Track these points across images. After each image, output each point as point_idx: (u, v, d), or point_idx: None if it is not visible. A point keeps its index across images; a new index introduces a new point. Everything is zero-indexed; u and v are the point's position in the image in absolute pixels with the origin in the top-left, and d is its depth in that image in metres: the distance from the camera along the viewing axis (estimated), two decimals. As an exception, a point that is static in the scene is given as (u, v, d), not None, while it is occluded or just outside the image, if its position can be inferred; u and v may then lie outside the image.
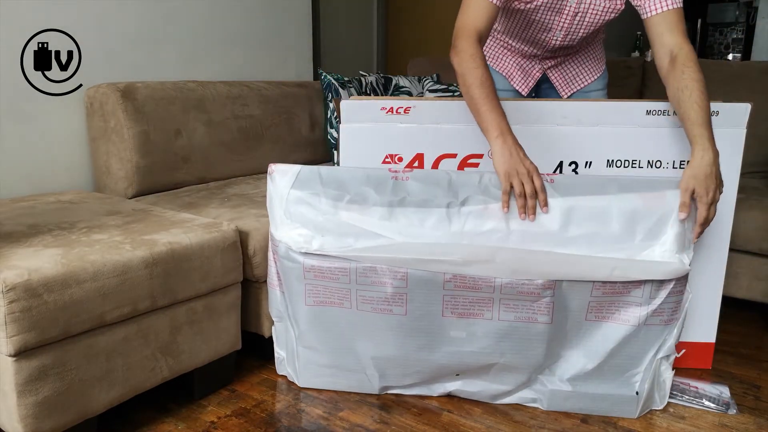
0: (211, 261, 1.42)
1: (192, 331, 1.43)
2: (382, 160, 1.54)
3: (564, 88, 1.78)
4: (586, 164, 1.54)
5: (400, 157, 1.54)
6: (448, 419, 1.44)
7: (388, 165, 1.53)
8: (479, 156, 1.53)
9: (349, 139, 1.54)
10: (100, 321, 1.22)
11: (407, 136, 1.53)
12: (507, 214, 1.32)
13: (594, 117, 1.52)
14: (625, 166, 1.53)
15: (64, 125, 1.92)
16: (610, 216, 1.33)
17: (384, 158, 1.54)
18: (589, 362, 1.42)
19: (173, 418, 1.44)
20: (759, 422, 1.45)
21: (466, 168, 1.53)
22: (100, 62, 1.97)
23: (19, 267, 1.13)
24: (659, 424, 1.43)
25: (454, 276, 1.33)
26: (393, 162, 1.54)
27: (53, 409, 1.18)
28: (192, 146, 2.05)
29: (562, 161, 1.54)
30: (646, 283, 1.33)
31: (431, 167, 1.54)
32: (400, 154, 1.54)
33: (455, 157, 1.54)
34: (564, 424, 1.43)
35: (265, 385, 1.59)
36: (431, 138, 1.53)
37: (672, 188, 1.33)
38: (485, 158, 1.53)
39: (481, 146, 1.51)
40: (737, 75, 2.47)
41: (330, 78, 2.50)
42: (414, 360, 1.44)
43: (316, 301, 1.42)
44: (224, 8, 2.40)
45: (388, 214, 1.36)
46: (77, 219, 1.47)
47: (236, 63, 2.48)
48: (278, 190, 1.42)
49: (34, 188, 1.85)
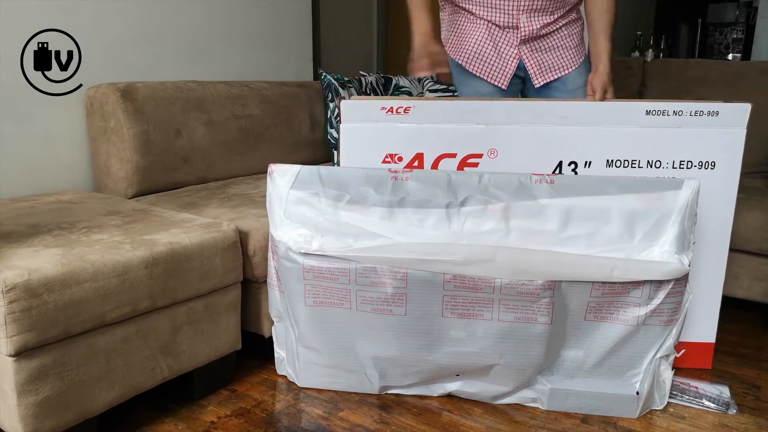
0: (211, 261, 1.42)
1: (192, 331, 1.43)
2: (381, 159, 1.55)
3: (538, 77, 1.72)
4: (585, 164, 1.54)
5: (399, 157, 1.54)
6: (448, 419, 1.44)
7: (387, 165, 1.53)
8: (479, 156, 1.53)
9: (349, 138, 1.55)
10: (100, 321, 1.22)
11: (407, 135, 1.53)
12: (507, 214, 1.32)
13: (594, 117, 1.52)
14: (625, 166, 1.53)
15: (64, 125, 1.92)
16: (610, 216, 1.33)
17: (384, 158, 1.55)
18: (589, 362, 1.43)
19: (173, 418, 1.44)
20: (759, 422, 1.45)
21: (466, 168, 1.54)
22: (100, 62, 1.97)
23: (19, 267, 1.13)
24: (659, 424, 1.43)
25: (454, 276, 1.33)
26: (393, 162, 1.55)
27: (53, 409, 1.18)
28: (192, 146, 2.05)
29: (561, 161, 1.54)
30: (646, 284, 1.33)
31: (431, 167, 1.54)
32: (400, 153, 1.54)
33: (455, 157, 1.54)
34: (564, 424, 1.43)
35: (265, 385, 1.59)
36: (431, 138, 1.53)
37: (672, 189, 1.33)
38: (485, 158, 1.53)
39: (481, 146, 1.52)
40: (737, 75, 2.47)
41: (330, 78, 2.50)
42: (414, 360, 1.44)
43: (316, 301, 1.42)
44: (224, 8, 2.40)
45: (387, 214, 1.36)
46: (77, 219, 1.47)
47: (236, 63, 2.48)
48: (278, 191, 1.42)
49: (34, 188, 1.85)
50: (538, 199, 1.35)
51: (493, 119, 1.54)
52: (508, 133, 1.54)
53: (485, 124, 1.54)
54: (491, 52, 1.71)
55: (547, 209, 1.34)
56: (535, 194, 1.36)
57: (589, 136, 1.52)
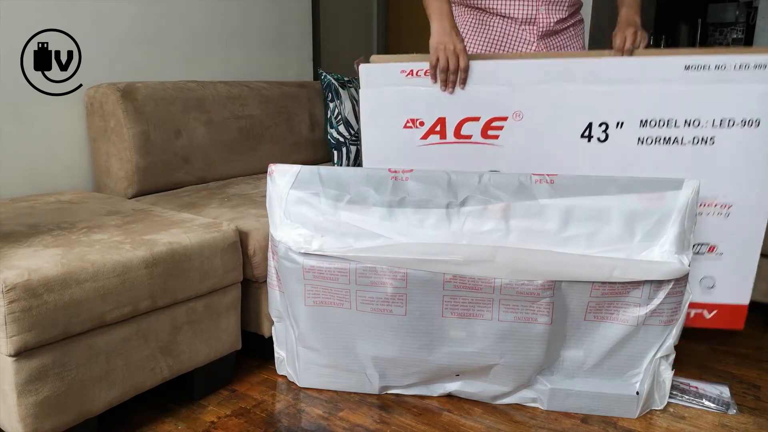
0: (211, 261, 1.42)
1: (192, 331, 1.43)
2: (403, 125, 1.49)
3: None
4: (617, 125, 1.44)
5: (421, 122, 1.49)
6: (448, 419, 1.44)
7: (387, 168, 1.53)
8: (503, 119, 1.46)
9: (370, 104, 1.48)
10: (100, 321, 1.22)
11: (429, 99, 1.47)
12: (507, 214, 1.32)
13: (626, 73, 1.42)
14: (660, 126, 1.44)
15: (64, 125, 1.92)
16: (610, 216, 1.33)
17: (405, 123, 1.49)
18: (589, 362, 1.43)
19: (173, 418, 1.44)
20: (759, 422, 1.45)
21: (490, 131, 1.47)
22: (100, 62, 1.98)
23: (19, 267, 1.13)
24: (659, 424, 1.43)
25: (454, 276, 1.33)
26: (414, 127, 1.48)
27: (53, 409, 1.18)
28: (192, 146, 2.05)
29: (591, 122, 1.46)
30: (645, 284, 1.33)
31: (453, 131, 1.48)
32: (422, 118, 1.49)
33: (478, 120, 1.47)
34: (564, 424, 1.43)
35: (265, 385, 1.59)
36: (453, 101, 1.47)
37: (672, 189, 1.33)
38: (510, 121, 1.46)
39: (506, 108, 1.44)
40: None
41: (330, 78, 2.50)
42: (414, 360, 1.44)
43: (316, 301, 1.42)
44: (224, 8, 2.40)
45: (387, 214, 1.36)
46: (77, 219, 1.47)
47: (236, 63, 2.48)
48: (278, 191, 1.42)
49: (34, 188, 1.85)
50: (538, 199, 1.35)
51: (518, 79, 1.46)
52: (534, 94, 1.46)
53: (510, 86, 1.46)
54: (507, 50, 1.68)
55: (547, 209, 1.34)
56: (535, 194, 1.36)
57: (621, 95, 1.42)
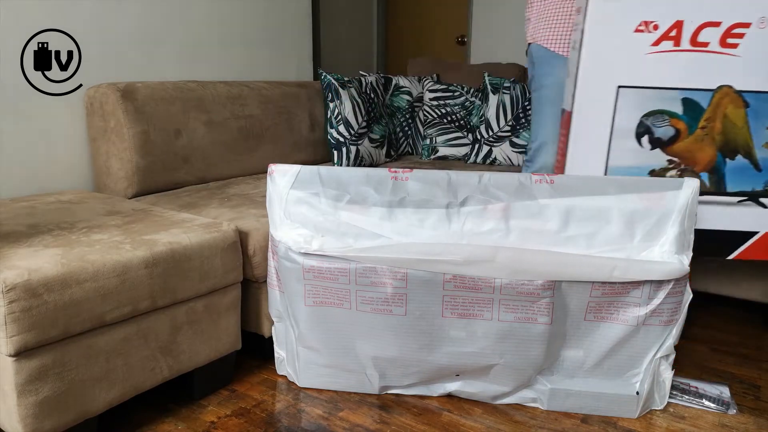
0: (211, 261, 1.42)
1: (192, 331, 1.43)
2: (634, 28, 1.37)
3: None
4: None
5: (656, 25, 1.37)
6: (448, 419, 1.44)
7: (387, 168, 1.52)
8: (746, 25, 1.34)
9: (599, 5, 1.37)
10: (100, 321, 1.22)
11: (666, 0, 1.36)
12: (507, 214, 1.32)
13: None
14: None
15: (64, 125, 1.92)
16: (610, 216, 1.33)
17: (637, 26, 1.37)
18: (589, 362, 1.43)
19: (173, 418, 1.44)
20: (759, 422, 1.45)
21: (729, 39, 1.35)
22: (100, 62, 1.98)
23: (19, 267, 1.13)
24: (659, 424, 1.43)
25: (454, 276, 1.33)
26: (647, 31, 1.37)
27: (53, 409, 1.18)
28: (192, 146, 2.06)
29: None
30: (646, 284, 1.33)
31: (690, 38, 1.36)
32: (656, 21, 1.36)
33: (719, 26, 1.34)
34: (564, 424, 1.43)
35: (265, 385, 1.59)
36: (693, 2, 1.35)
37: (672, 189, 1.33)
38: (753, 28, 1.33)
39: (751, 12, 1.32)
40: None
41: (330, 78, 2.50)
42: (414, 360, 1.44)
43: (316, 301, 1.42)
44: (224, 8, 2.40)
45: (387, 214, 1.36)
46: (77, 219, 1.47)
47: (236, 63, 2.48)
48: (278, 191, 1.42)
49: (34, 188, 1.85)
50: (538, 199, 1.35)
51: None
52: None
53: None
54: None
55: (547, 209, 1.34)
56: (535, 194, 1.36)
57: None
